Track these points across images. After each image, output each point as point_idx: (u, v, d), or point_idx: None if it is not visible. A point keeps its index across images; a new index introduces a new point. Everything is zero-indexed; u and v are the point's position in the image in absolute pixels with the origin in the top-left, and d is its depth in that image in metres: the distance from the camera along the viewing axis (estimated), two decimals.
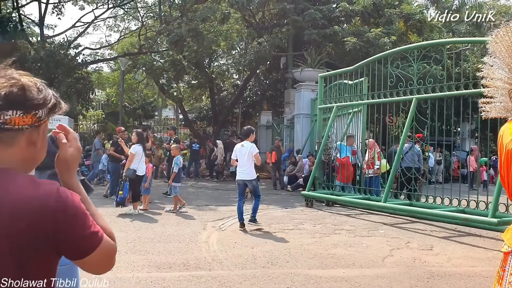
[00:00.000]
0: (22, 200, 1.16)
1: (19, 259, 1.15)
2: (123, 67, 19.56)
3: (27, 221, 1.15)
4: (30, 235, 1.15)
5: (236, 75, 28.42)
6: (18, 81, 1.25)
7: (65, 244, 1.21)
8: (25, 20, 25.67)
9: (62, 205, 1.19)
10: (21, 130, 1.23)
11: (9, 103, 1.19)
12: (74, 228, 1.21)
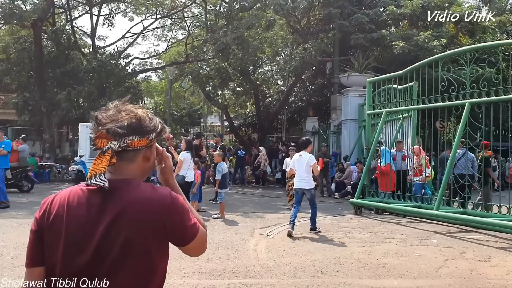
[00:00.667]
0: (147, 200, 1.54)
1: (146, 246, 1.52)
2: (170, 76, 19.98)
3: (151, 215, 1.52)
4: (153, 226, 1.52)
5: (281, 81, 28.43)
6: (135, 114, 1.61)
7: (175, 233, 1.58)
8: (77, 32, 26.75)
9: (174, 204, 1.57)
10: (139, 150, 1.61)
11: (130, 130, 1.57)
12: (181, 221, 1.58)
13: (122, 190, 1.54)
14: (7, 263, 5.83)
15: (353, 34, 17.77)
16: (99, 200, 1.53)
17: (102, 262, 1.47)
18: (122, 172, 1.59)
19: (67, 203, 1.55)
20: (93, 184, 1.50)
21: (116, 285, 1.48)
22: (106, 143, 1.55)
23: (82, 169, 16.96)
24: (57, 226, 1.52)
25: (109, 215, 1.50)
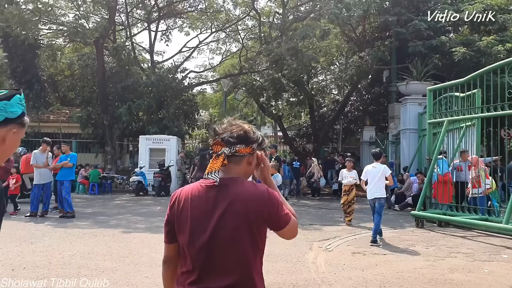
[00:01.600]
0: (250, 195, 1.99)
1: (250, 229, 1.98)
2: (225, 88, 20.29)
3: (254, 206, 1.98)
4: (255, 214, 1.97)
5: (335, 90, 28.13)
6: (243, 128, 2.07)
7: (271, 221, 2.02)
8: (137, 48, 27.82)
9: (270, 198, 2.01)
10: (244, 156, 2.06)
11: (239, 140, 2.03)
12: (276, 211, 2.02)
13: (230, 186, 2.01)
14: (74, 272, 6.04)
15: (410, 41, 17.30)
16: (214, 194, 2.00)
17: (218, 240, 1.96)
18: (231, 172, 2.06)
19: (191, 196, 2.05)
20: (209, 178, 1.99)
21: (229, 257, 1.96)
22: (220, 149, 2.04)
23: (142, 180, 17.46)
24: (185, 213, 2.03)
25: (222, 206, 1.98)
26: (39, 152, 11.30)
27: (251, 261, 2.00)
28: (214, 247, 1.96)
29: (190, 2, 25.38)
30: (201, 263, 1.98)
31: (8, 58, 23.02)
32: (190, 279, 1.99)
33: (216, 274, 1.96)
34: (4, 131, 1.71)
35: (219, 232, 1.96)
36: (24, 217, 10.72)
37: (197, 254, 1.98)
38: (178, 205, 2.07)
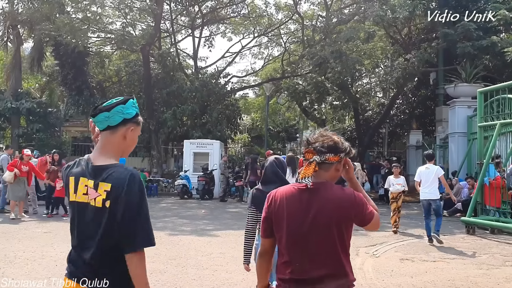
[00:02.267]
0: (340, 197, 2.29)
1: (339, 227, 2.26)
2: (267, 92, 20.31)
3: (343, 207, 2.27)
4: (344, 213, 2.27)
5: (380, 93, 27.63)
6: (333, 139, 2.35)
7: (358, 219, 2.32)
8: (181, 54, 28.32)
9: (357, 200, 2.30)
10: (332, 163, 2.33)
11: (329, 150, 2.31)
12: (362, 211, 2.30)
13: (321, 189, 2.29)
14: None
15: (459, 42, 16.76)
16: (306, 196, 2.30)
17: (312, 236, 2.26)
18: (321, 177, 2.32)
19: (285, 197, 2.35)
20: (303, 183, 2.26)
21: (321, 251, 2.26)
22: (311, 156, 2.31)
23: (187, 183, 17.72)
24: (281, 212, 2.33)
25: (315, 206, 2.27)
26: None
27: (341, 254, 2.28)
28: (309, 242, 2.27)
29: (233, 8, 25.64)
30: (298, 255, 2.29)
31: (59, 66, 23.96)
32: (289, 269, 2.30)
33: (311, 266, 2.27)
34: (124, 129, 2.20)
35: (312, 229, 2.26)
36: None
37: (293, 247, 2.30)
38: (274, 205, 2.37)
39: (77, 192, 2.16)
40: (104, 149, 2.20)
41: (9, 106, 22.03)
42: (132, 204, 2.05)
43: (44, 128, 22.81)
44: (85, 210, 2.12)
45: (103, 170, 2.12)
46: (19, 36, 24.19)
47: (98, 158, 2.18)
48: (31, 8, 21.59)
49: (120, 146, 2.22)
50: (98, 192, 2.08)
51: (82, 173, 2.18)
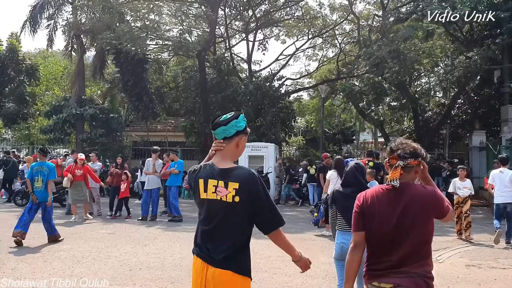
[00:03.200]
0: (423, 194, 2.71)
1: (424, 219, 2.68)
2: (323, 94, 20.08)
3: (427, 202, 2.68)
4: (427, 208, 2.68)
5: (440, 93, 26.61)
6: (413, 146, 2.79)
7: (437, 212, 2.72)
8: (235, 59, 28.61)
9: (437, 195, 2.72)
10: (413, 167, 2.74)
11: (410, 155, 2.73)
12: (441, 205, 2.72)
13: (406, 189, 2.71)
14: (185, 274, 6.29)
15: None
16: (394, 195, 2.72)
17: (401, 228, 2.66)
18: (403, 178, 2.72)
19: (376, 195, 2.77)
20: (390, 184, 2.70)
21: (409, 238, 2.66)
22: (396, 162, 2.73)
23: None
24: (372, 208, 2.75)
25: (402, 203, 2.69)
26: (151, 160, 12.05)
27: (424, 244, 2.70)
28: (398, 233, 2.67)
29: (287, 11, 25.60)
30: (387, 246, 2.70)
31: (120, 73, 24.86)
32: (378, 257, 2.74)
33: (398, 254, 2.67)
34: (237, 139, 2.76)
35: (401, 222, 2.66)
36: (137, 221, 11.43)
37: (384, 237, 2.70)
38: (366, 202, 2.79)
39: (207, 191, 2.72)
40: (223, 155, 2.77)
41: (74, 112, 23.10)
42: (261, 197, 2.66)
43: (106, 133, 23.72)
44: (216, 205, 2.68)
45: (228, 172, 2.69)
46: (82, 45, 25.33)
47: (220, 162, 2.75)
48: (93, 18, 22.55)
49: (234, 152, 2.80)
50: (228, 190, 2.65)
51: (210, 175, 2.74)
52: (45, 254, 7.32)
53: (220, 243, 2.66)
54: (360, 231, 2.80)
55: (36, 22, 25.02)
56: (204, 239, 2.75)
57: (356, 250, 2.82)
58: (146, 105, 24.38)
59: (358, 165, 4.63)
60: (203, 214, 2.78)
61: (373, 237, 2.74)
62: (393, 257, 2.66)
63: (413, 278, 2.63)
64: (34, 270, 6.26)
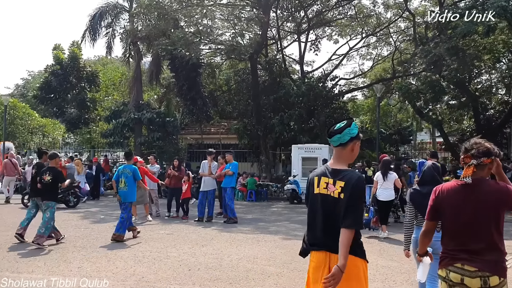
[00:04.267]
0: (496, 189, 2.98)
1: (496, 212, 2.95)
2: (378, 94, 19.59)
3: (500, 196, 2.95)
4: (501, 202, 2.95)
5: (503, 90, 25.34)
6: (486, 145, 3.03)
7: (509, 204, 2.95)
8: (287, 60, 28.58)
9: (508, 189, 2.95)
10: (486, 165, 3.01)
11: (483, 154, 3.00)
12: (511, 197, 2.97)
13: (479, 184, 3.00)
14: (242, 275, 6.32)
15: None
16: (467, 189, 3.01)
17: (474, 220, 2.97)
18: (477, 175, 3.01)
19: (451, 189, 3.09)
20: (462, 181, 2.99)
21: (481, 230, 2.94)
22: (470, 160, 3.01)
23: (296, 188, 17.75)
24: (446, 201, 3.10)
25: (475, 197, 2.98)
26: (206, 162, 12.23)
27: (495, 234, 2.95)
28: (471, 224, 2.98)
29: (339, 10, 25.27)
30: (461, 234, 3.03)
31: (175, 78, 25.46)
32: (454, 243, 3.06)
33: (473, 240, 2.97)
34: (351, 145, 3.16)
35: (474, 215, 2.97)
36: (193, 222, 11.63)
37: (458, 228, 3.03)
38: (441, 195, 3.15)
39: (320, 186, 3.17)
40: (338, 159, 3.20)
41: (132, 116, 23.90)
42: (353, 196, 3.02)
43: (163, 136, 24.36)
44: (326, 199, 3.12)
45: (339, 172, 3.13)
46: (139, 52, 26.18)
47: (334, 164, 3.20)
48: (149, 25, 23.21)
49: (349, 156, 3.21)
50: (335, 187, 3.07)
51: (324, 174, 3.19)
52: (108, 253, 7.59)
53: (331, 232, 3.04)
54: (431, 221, 3.28)
55: (96, 31, 26.10)
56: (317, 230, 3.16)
57: (426, 236, 3.38)
58: (200, 108, 24.83)
59: (435, 164, 5.07)
60: (313, 208, 3.22)
61: (450, 227, 3.09)
62: (472, 246, 2.96)
63: (492, 265, 2.92)
64: (99, 269, 6.50)
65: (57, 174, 8.60)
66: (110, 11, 26.01)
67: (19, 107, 29.21)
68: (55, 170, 8.60)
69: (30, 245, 8.12)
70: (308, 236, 3.26)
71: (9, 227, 10.35)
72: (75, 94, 30.82)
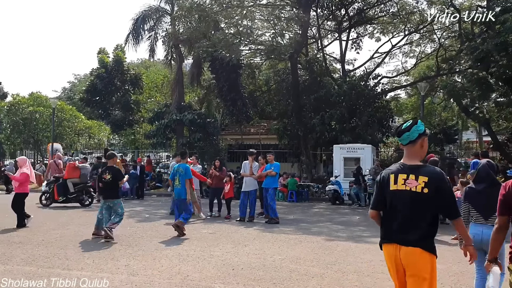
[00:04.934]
0: None
1: None
2: (422, 92, 19.10)
3: None
4: None
5: None
6: None
7: None
8: (328, 59, 28.31)
9: None
10: None
11: None
12: None
13: None
14: (286, 276, 6.30)
15: None
16: None
17: None
18: None
19: None
20: None
21: None
22: None
23: (338, 189, 17.55)
24: None
25: None
26: (247, 162, 12.27)
27: None
28: None
29: (381, 7, 24.83)
30: None
31: (215, 79, 25.74)
32: None
33: None
34: (420, 141, 3.37)
35: None
36: (235, 221, 11.70)
37: None
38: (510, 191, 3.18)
39: (397, 183, 3.33)
40: (411, 156, 3.41)
41: (174, 118, 24.32)
42: (448, 191, 3.27)
43: (203, 137, 24.65)
44: (405, 195, 3.29)
45: (418, 168, 3.32)
46: (180, 54, 26.63)
47: (408, 161, 3.40)
48: (190, 28, 23.55)
49: (419, 152, 3.41)
50: (418, 182, 3.25)
51: (399, 171, 3.38)
52: (154, 252, 7.73)
53: (409, 226, 3.26)
54: (503, 216, 3.29)
55: (139, 34, 26.75)
56: (393, 224, 3.34)
57: (500, 231, 3.34)
58: (240, 109, 24.98)
59: (490, 162, 5.10)
60: (391, 204, 3.37)
61: None
62: None
63: None
64: (145, 267, 6.63)
65: (116, 172, 9.18)
66: (153, 14, 26.58)
67: (66, 109, 30.25)
68: (114, 169, 9.21)
69: (79, 243, 8.40)
70: (382, 229, 3.48)
71: (58, 225, 10.74)
72: (119, 96, 31.66)
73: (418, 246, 3.23)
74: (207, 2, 22.54)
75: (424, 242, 3.25)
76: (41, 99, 30.56)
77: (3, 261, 6.88)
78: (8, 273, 6.15)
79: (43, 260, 7.01)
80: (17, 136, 28.68)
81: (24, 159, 10.77)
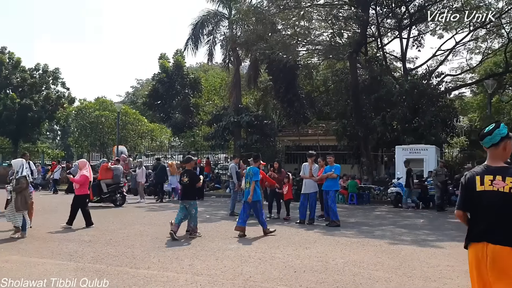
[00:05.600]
0: None
1: None
2: (489, 90, 18.25)
3: None
4: None
5: None
6: None
7: None
8: (388, 58, 27.57)
9: None
10: None
11: None
12: None
13: None
14: (349, 279, 6.16)
15: None
16: None
17: None
18: None
19: None
20: None
21: None
22: None
23: (400, 191, 17.04)
24: None
25: None
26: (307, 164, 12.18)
27: None
28: None
29: (444, 3, 23.85)
30: None
31: (272, 81, 25.81)
32: None
33: None
34: (503, 144, 3.42)
35: None
36: (295, 224, 11.64)
37: None
38: None
39: (484, 184, 3.37)
40: (494, 158, 3.47)
41: (232, 120, 24.62)
42: None
43: (261, 138, 24.78)
44: (492, 195, 3.33)
45: (503, 169, 3.37)
46: (238, 57, 26.92)
47: (492, 163, 3.46)
48: (247, 31, 23.76)
49: (502, 155, 3.46)
50: (506, 183, 3.30)
51: (485, 172, 3.42)
52: (216, 252, 7.84)
53: (497, 225, 3.28)
54: None
55: (198, 39, 27.32)
56: (482, 224, 3.37)
57: None
58: (297, 110, 24.89)
59: None
60: (478, 204, 3.40)
61: None
62: None
63: None
64: (208, 267, 6.72)
65: (193, 175, 9.77)
66: (211, 19, 27.05)
67: (130, 113, 31.42)
68: (191, 172, 9.81)
69: (144, 242, 8.67)
70: (470, 229, 3.50)
71: (125, 224, 11.15)
72: (179, 100, 32.51)
73: (507, 245, 3.23)
74: (264, 4, 22.68)
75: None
76: (106, 104, 32.00)
77: (75, 259, 7.23)
78: (80, 270, 6.44)
79: (112, 258, 7.29)
80: (84, 139, 30.17)
81: (84, 162, 11.21)
